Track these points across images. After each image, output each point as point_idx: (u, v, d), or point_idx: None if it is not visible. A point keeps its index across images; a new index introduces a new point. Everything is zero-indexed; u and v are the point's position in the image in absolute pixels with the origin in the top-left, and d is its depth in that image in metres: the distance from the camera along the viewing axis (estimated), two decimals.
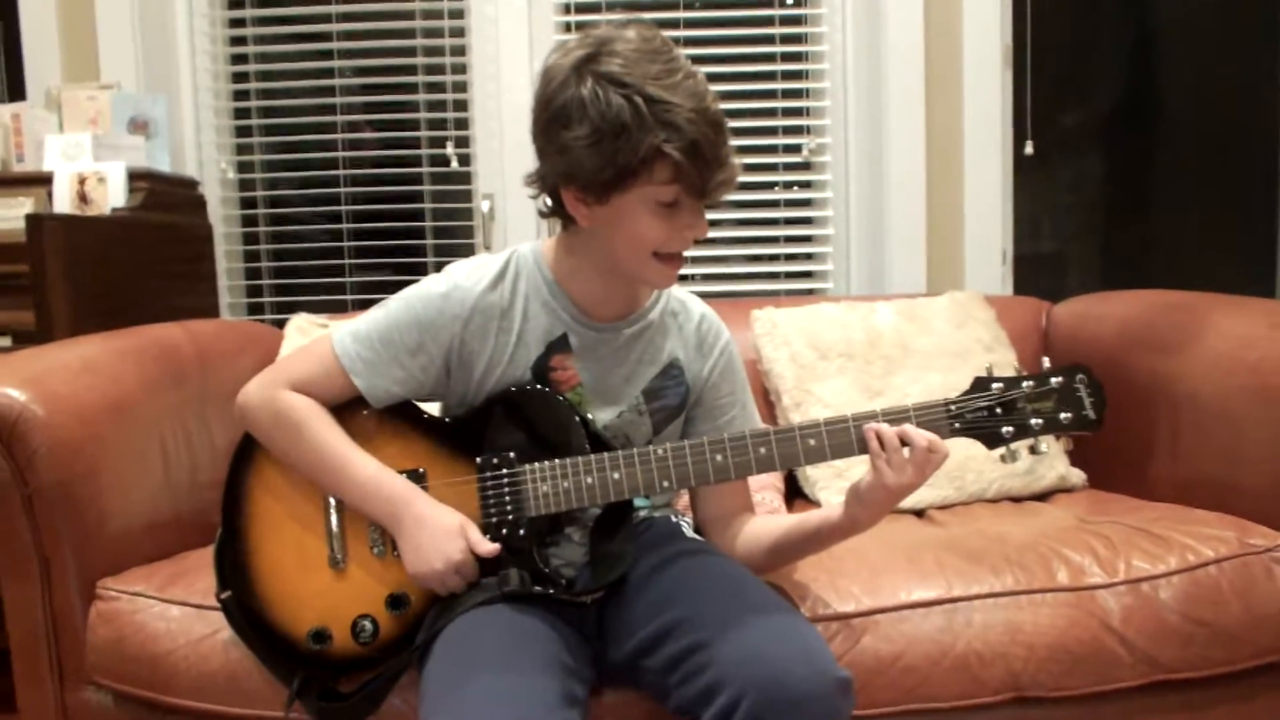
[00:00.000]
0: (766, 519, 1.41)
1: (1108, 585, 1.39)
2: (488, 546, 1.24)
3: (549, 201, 1.29)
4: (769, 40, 2.67)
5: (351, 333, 1.31)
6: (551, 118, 1.20)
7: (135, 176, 2.30)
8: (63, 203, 2.24)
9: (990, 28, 2.54)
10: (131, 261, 2.22)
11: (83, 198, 2.24)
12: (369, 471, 1.27)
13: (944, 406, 1.24)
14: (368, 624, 1.27)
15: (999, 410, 1.23)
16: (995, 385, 1.24)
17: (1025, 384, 1.24)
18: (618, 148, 1.15)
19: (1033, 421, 1.23)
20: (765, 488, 1.86)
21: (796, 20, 2.67)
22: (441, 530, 1.23)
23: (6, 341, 2.09)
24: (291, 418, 1.29)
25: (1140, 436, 1.79)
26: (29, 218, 1.98)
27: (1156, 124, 2.81)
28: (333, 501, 1.31)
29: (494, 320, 1.31)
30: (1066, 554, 1.44)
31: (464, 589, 1.24)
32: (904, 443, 1.19)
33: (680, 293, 1.44)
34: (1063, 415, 1.23)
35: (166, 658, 1.39)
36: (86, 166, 2.27)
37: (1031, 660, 1.34)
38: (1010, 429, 1.23)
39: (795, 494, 1.99)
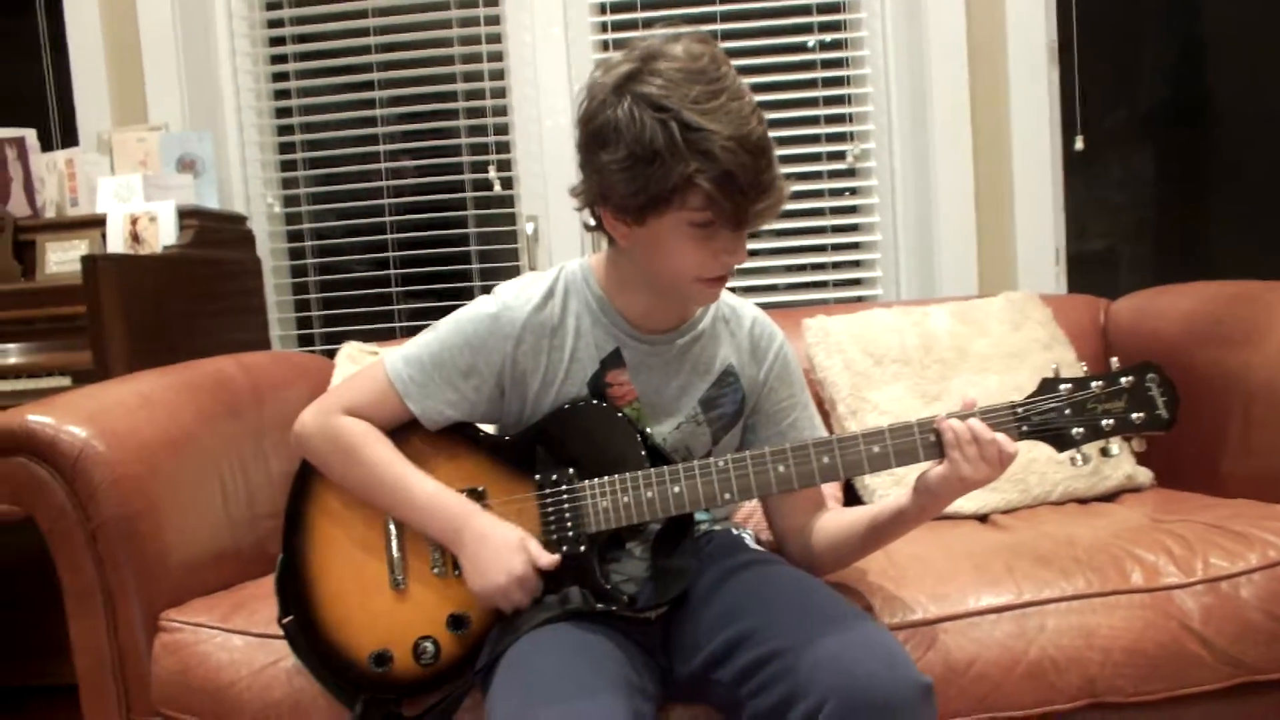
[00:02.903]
0: (836, 514, 1.39)
1: (1185, 585, 1.35)
2: (548, 559, 1.23)
3: (593, 217, 1.29)
4: (808, 48, 2.65)
5: (403, 356, 1.31)
6: (590, 137, 1.20)
7: (185, 214, 2.34)
8: (116, 243, 2.28)
9: (1035, 24, 2.51)
10: (183, 298, 2.26)
11: (135, 237, 2.28)
12: (427, 491, 1.27)
13: (1010, 409, 1.21)
14: (429, 645, 1.26)
15: (1068, 411, 1.20)
16: (1063, 386, 1.21)
17: (1094, 384, 1.20)
18: (651, 174, 1.13)
19: (1104, 423, 1.20)
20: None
21: (836, 26, 2.66)
22: (503, 545, 1.22)
23: (65, 381, 2.12)
24: (348, 441, 1.29)
25: (1210, 432, 1.74)
26: (84, 259, 2.03)
27: (1207, 118, 2.76)
28: (393, 523, 1.30)
29: (545, 338, 1.30)
30: (1139, 554, 1.41)
31: (528, 603, 1.23)
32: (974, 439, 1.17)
33: (731, 299, 1.42)
34: (1134, 415, 1.19)
35: (230, 688, 1.39)
36: (138, 207, 2.31)
37: (1108, 665, 1.30)
38: (1080, 430, 1.20)
39: (854, 503, 1.95)
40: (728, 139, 1.12)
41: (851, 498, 1.95)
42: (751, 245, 1.26)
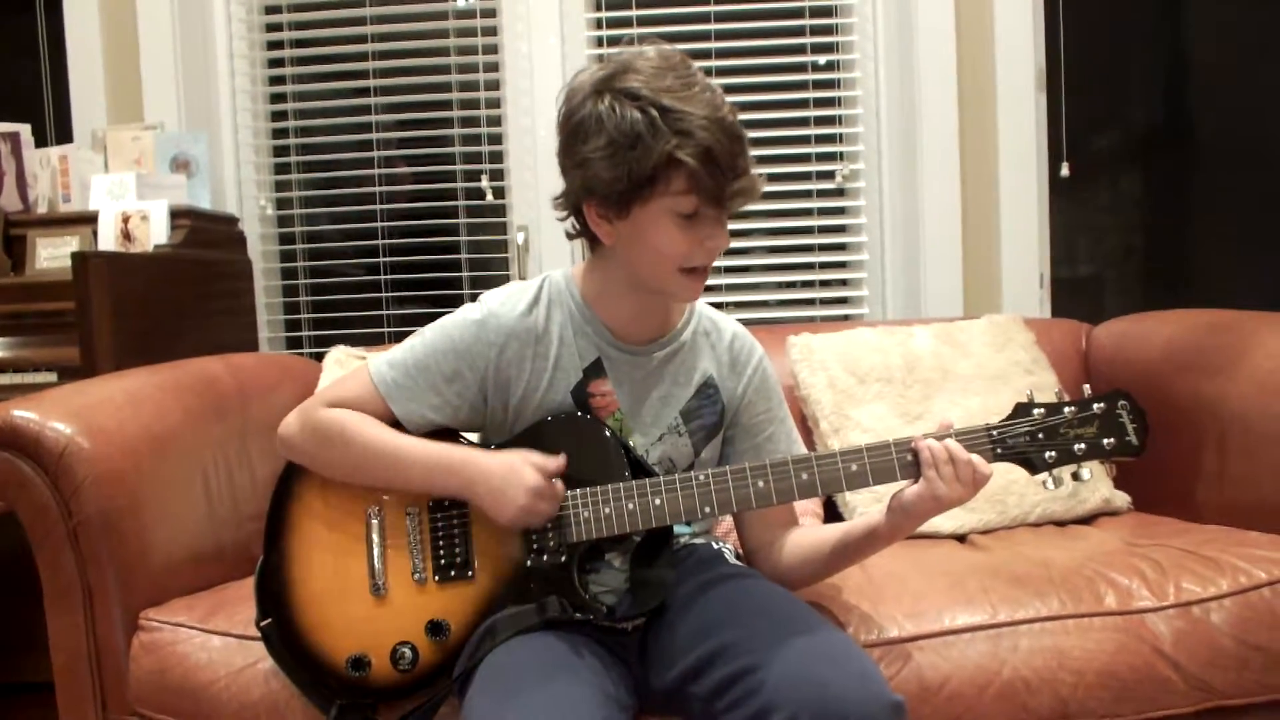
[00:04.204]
0: (809, 530, 1.40)
1: (1157, 609, 1.36)
2: (556, 461, 1.25)
3: (576, 223, 1.31)
4: (801, 68, 2.67)
5: (388, 360, 1.32)
6: (570, 134, 1.23)
7: (177, 214, 2.35)
8: (107, 241, 2.28)
9: (1023, 49, 2.54)
10: (173, 297, 2.26)
11: (126, 236, 2.29)
12: (423, 450, 1.28)
13: (985, 432, 1.23)
14: (407, 651, 1.27)
15: (1041, 436, 1.23)
16: (1037, 411, 1.24)
17: (1067, 409, 1.23)
18: (633, 157, 1.17)
19: (1075, 447, 1.22)
20: (804, 514, 1.84)
21: (829, 47, 2.68)
22: (508, 470, 1.24)
23: (52, 377, 2.13)
24: (334, 428, 1.30)
25: (1186, 458, 1.76)
26: (75, 256, 2.03)
27: (1194, 144, 2.79)
28: (375, 528, 1.31)
29: (529, 346, 1.32)
30: (1113, 577, 1.42)
31: (555, 510, 1.25)
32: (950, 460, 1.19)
33: (712, 312, 1.44)
34: (1105, 441, 1.22)
35: (208, 688, 1.40)
36: (130, 205, 2.32)
37: (1080, 686, 1.31)
38: (1053, 454, 1.23)
39: (834, 519, 1.96)
40: (704, 119, 1.17)
41: (832, 515, 1.97)
42: (741, 261, 1.29)
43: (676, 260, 1.24)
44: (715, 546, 1.42)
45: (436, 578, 1.28)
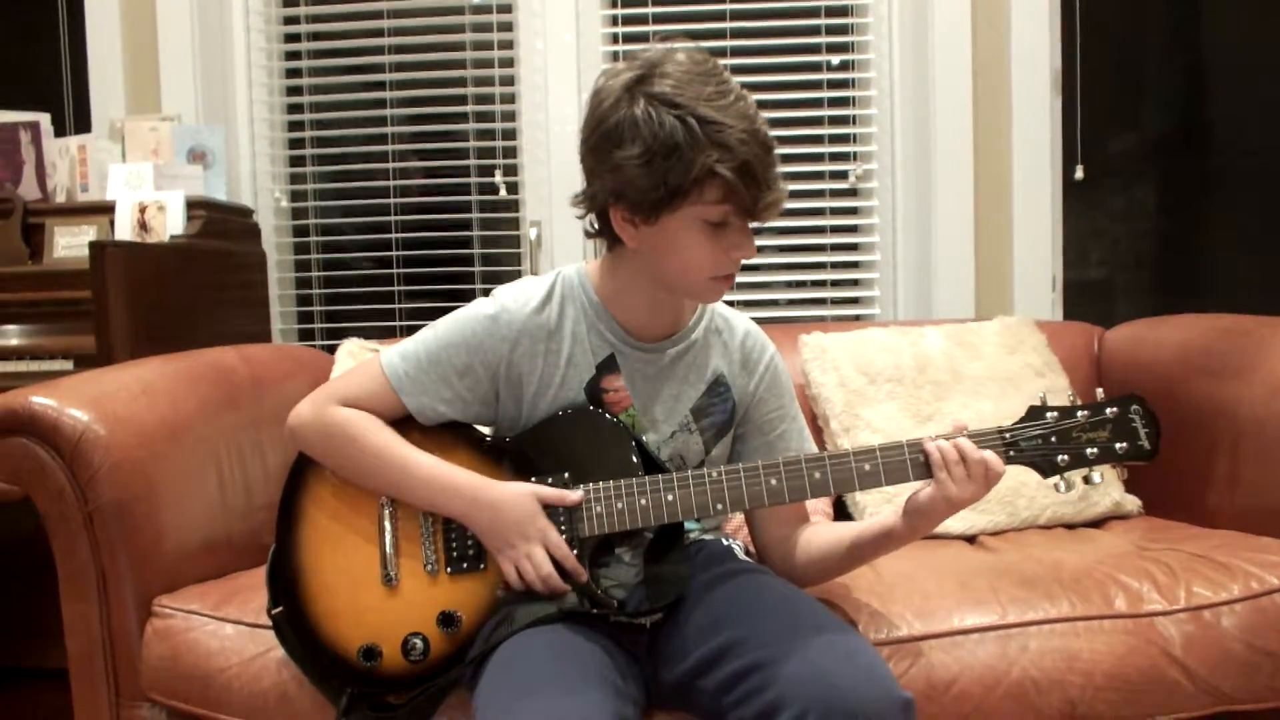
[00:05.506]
0: (822, 528, 1.41)
1: (1168, 612, 1.36)
2: (573, 496, 1.26)
3: (595, 223, 1.31)
4: (816, 67, 2.67)
5: (400, 353, 1.33)
6: (603, 137, 1.21)
7: (193, 205, 2.36)
8: (124, 230, 2.30)
9: (1038, 52, 2.53)
10: (188, 287, 2.27)
11: (143, 225, 2.30)
12: (431, 469, 1.28)
13: (999, 434, 1.23)
14: (419, 642, 1.27)
15: (1054, 439, 1.23)
16: (1050, 414, 1.24)
17: (1080, 413, 1.23)
18: (669, 167, 1.16)
19: (1088, 451, 1.22)
20: (814, 513, 1.84)
21: (844, 47, 2.68)
22: (517, 508, 1.24)
23: (68, 365, 2.14)
24: (345, 429, 1.30)
25: (1198, 463, 1.75)
26: (92, 245, 2.04)
27: (1208, 148, 2.78)
28: (387, 519, 1.32)
29: (541, 342, 1.32)
30: (1124, 580, 1.42)
31: (549, 564, 1.25)
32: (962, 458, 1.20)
33: (724, 309, 1.44)
34: (1118, 445, 1.22)
35: (220, 675, 1.41)
36: (147, 195, 2.33)
37: (1089, 688, 1.31)
38: (1065, 458, 1.23)
39: (844, 519, 1.96)
40: (742, 132, 1.16)
41: (841, 515, 1.97)
42: (754, 260, 1.29)
43: (703, 269, 1.24)
44: (725, 543, 1.42)
45: (448, 569, 1.29)
